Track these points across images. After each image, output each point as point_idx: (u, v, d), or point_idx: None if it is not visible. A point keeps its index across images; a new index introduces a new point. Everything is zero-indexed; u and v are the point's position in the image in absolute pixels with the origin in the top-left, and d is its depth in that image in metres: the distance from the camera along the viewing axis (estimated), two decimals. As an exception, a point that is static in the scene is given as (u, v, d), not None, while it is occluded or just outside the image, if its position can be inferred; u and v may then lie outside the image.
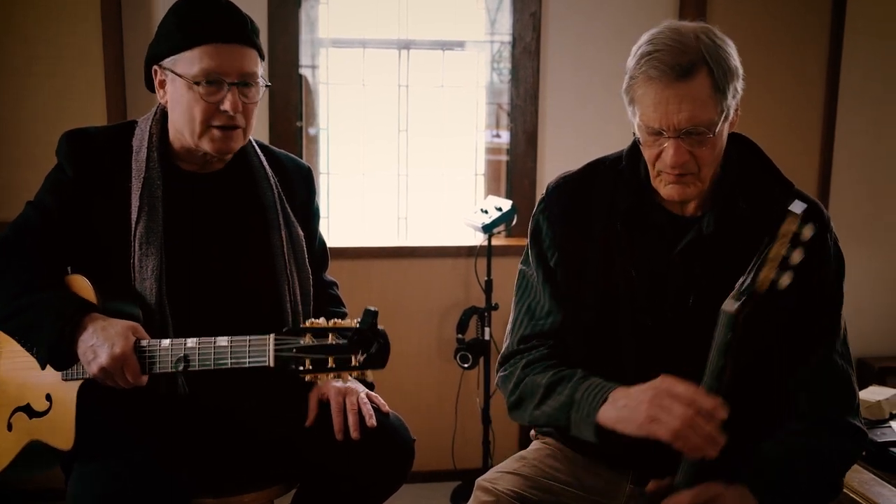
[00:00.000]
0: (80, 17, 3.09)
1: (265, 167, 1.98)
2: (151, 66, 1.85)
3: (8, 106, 3.10)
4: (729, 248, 1.63)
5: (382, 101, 3.54)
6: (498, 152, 3.63)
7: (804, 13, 3.49)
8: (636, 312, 1.66)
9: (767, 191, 1.66)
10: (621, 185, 1.71)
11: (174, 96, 1.81)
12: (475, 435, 3.42)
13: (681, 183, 1.58)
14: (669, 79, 1.50)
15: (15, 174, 3.11)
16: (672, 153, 1.54)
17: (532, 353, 1.76)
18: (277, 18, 3.29)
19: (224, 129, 1.80)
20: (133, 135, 1.88)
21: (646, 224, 1.68)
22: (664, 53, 1.51)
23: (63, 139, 1.85)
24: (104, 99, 3.12)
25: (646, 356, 1.65)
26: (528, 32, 3.44)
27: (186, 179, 1.89)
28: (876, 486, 2.10)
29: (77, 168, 1.82)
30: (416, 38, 3.52)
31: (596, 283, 1.69)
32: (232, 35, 1.78)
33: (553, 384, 1.67)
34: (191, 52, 1.76)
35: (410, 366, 3.44)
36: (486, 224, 3.18)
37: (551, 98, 3.47)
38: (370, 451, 1.81)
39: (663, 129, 1.53)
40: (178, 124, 1.83)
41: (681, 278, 1.65)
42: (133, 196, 1.82)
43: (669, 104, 1.51)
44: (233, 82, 1.78)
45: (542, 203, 1.79)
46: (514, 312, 1.83)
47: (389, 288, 3.43)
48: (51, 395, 1.78)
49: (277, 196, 1.96)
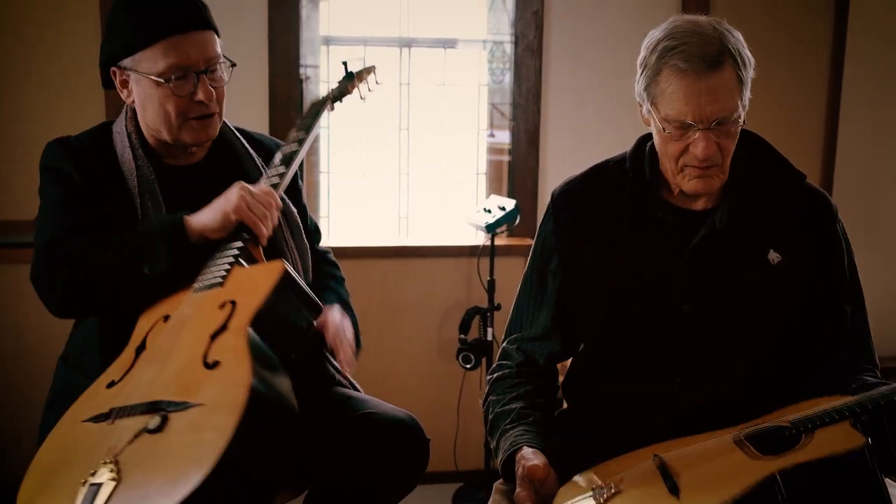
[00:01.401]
0: (80, 18, 3.07)
1: (247, 148, 1.97)
2: (109, 68, 1.80)
3: (6, 106, 3.08)
4: (743, 240, 1.63)
5: (383, 100, 3.51)
6: (500, 152, 3.61)
7: (805, 13, 3.47)
8: (648, 309, 1.63)
9: (779, 184, 1.67)
10: (626, 185, 1.70)
11: (142, 96, 1.78)
12: (477, 436, 3.40)
13: (706, 176, 1.58)
14: (701, 70, 1.50)
15: (13, 175, 3.10)
16: (703, 145, 1.53)
17: (502, 370, 1.79)
18: (278, 17, 3.25)
19: (200, 118, 1.79)
20: (111, 139, 1.85)
21: (653, 222, 1.67)
22: (690, 46, 1.50)
23: (55, 149, 1.81)
24: (103, 99, 3.08)
25: (662, 355, 1.63)
26: (530, 31, 3.41)
27: (175, 172, 1.87)
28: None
29: (85, 176, 1.78)
30: (418, 36, 3.51)
31: (606, 283, 1.67)
32: (189, 23, 1.74)
33: (495, 420, 1.72)
34: (151, 49, 1.72)
35: (412, 366, 3.42)
36: (489, 223, 3.15)
37: (553, 97, 3.45)
38: (385, 452, 1.78)
39: (694, 122, 1.52)
40: (152, 122, 1.80)
41: (692, 273, 1.63)
42: (133, 196, 1.79)
43: (702, 96, 1.50)
44: (200, 71, 1.75)
45: (550, 210, 1.78)
46: (510, 314, 1.84)
47: (391, 288, 3.41)
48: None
49: (262, 171, 1.94)
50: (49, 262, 1.72)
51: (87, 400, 1.58)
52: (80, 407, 1.57)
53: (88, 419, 1.50)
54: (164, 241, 1.67)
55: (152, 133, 1.83)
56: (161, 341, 1.61)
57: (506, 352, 1.81)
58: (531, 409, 1.69)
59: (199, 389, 1.45)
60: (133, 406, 1.46)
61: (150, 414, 1.43)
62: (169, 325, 1.64)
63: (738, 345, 1.60)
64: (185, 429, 1.39)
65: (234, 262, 1.68)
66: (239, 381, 1.42)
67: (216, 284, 1.65)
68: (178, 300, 1.70)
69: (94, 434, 1.47)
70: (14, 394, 3.14)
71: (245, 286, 1.63)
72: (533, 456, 1.55)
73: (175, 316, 1.65)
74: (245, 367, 1.45)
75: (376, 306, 3.34)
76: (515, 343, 1.79)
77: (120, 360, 1.64)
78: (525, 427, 1.64)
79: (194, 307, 1.64)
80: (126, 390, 1.53)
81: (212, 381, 1.46)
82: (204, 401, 1.42)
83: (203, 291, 1.66)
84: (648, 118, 1.62)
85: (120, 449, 1.38)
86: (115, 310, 1.76)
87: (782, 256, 1.62)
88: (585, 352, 1.75)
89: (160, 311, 1.70)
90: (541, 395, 1.75)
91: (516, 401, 1.71)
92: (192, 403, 1.42)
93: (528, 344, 1.77)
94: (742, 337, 1.61)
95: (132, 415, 1.45)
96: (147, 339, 1.64)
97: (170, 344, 1.58)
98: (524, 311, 1.79)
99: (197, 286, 1.68)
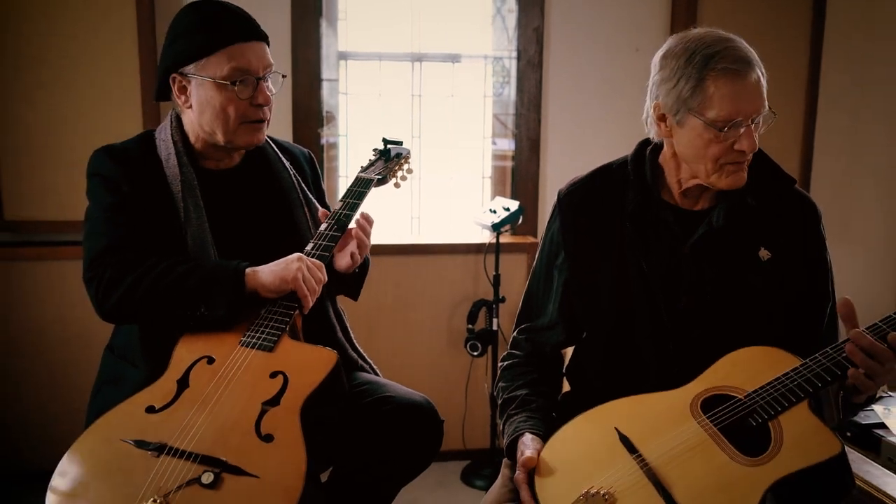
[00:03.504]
0: (117, 36, 3.05)
1: (278, 154, 1.97)
2: (170, 75, 1.79)
3: (48, 116, 3.07)
4: (737, 238, 1.62)
5: (397, 110, 3.50)
6: (504, 158, 3.59)
7: (784, 26, 3.45)
8: (651, 304, 1.63)
9: (771, 186, 1.66)
10: (628, 186, 1.69)
11: (202, 99, 1.77)
12: (483, 418, 3.39)
13: (742, 169, 1.58)
14: (746, 71, 1.51)
15: (58, 179, 3.09)
16: (751, 140, 1.54)
17: (512, 359, 1.79)
18: (300, 34, 3.24)
19: (254, 122, 1.79)
20: (154, 145, 1.84)
21: (654, 221, 1.66)
22: (731, 51, 1.52)
23: (103, 157, 1.80)
24: (140, 108, 3.08)
25: (661, 344, 1.62)
26: (531, 46, 3.40)
27: (214, 176, 1.87)
28: (864, 465, 2.07)
29: (131, 182, 1.77)
30: (427, 51, 3.49)
31: (609, 277, 1.66)
32: (250, 33, 1.76)
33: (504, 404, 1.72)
34: (217, 55, 1.73)
35: (424, 353, 3.41)
36: (494, 223, 3.15)
37: (553, 106, 3.44)
38: (403, 432, 1.79)
39: (741, 119, 1.52)
40: (208, 125, 1.79)
41: (692, 269, 1.62)
42: (176, 200, 1.78)
43: (749, 93, 1.52)
44: (259, 77, 1.76)
45: (556, 209, 1.77)
46: (520, 305, 1.84)
47: (404, 282, 3.40)
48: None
49: (294, 178, 1.95)
50: (102, 272, 1.70)
51: (125, 417, 1.54)
52: (117, 422, 1.53)
53: (130, 441, 1.47)
54: (225, 288, 1.66)
55: (204, 136, 1.82)
56: (206, 386, 1.58)
57: (516, 341, 1.81)
58: (535, 396, 1.70)
59: (254, 460, 1.43)
60: (186, 452, 1.44)
61: (203, 466, 1.41)
62: (214, 369, 1.61)
63: (731, 333, 1.60)
64: (240, 497, 1.38)
65: (284, 329, 1.67)
66: (296, 468, 1.42)
67: (266, 348, 1.63)
68: (220, 343, 1.66)
69: (137, 460, 1.44)
70: (61, 380, 3.14)
71: (298, 365, 1.62)
72: (531, 443, 1.56)
73: (220, 363, 1.62)
74: (301, 454, 1.45)
75: (391, 299, 3.34)
76: (524, 333, 1.79)
77: (160, 387, 1.60)
78: (528, 413, 1.66)
79: (242, 364, 1.61)
80: (172, 427, 1.49)
81: (267, 456, 1.45)
82: (259, 474, 1.41)
83: (252, 349, 1.64)
84: (674, 129, 1.58)
85: (169, 490, 1.37)
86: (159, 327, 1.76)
87: (772, 254, 1.62)
88: (588, 340, 1.74)
89: (201, 347, 1.67)
90: (546, 383, 1.75)
91: (522, 388, 1.72)
92: (247, 472, 1.41)
93: (536, 334, 1.77)
94: (734, 326, 1.60)
95: (184, 459, 1.43)
96: (190, 376, 1.61)
97: (218, 394, 1.56)
98: (533, 302, 1.79)
99: (245, 341, 1.66)
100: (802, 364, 1.47)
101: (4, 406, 3.15)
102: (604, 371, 1.70)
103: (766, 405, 1.43)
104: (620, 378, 1.65)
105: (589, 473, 1.44)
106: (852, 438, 2.17)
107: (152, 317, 1.72)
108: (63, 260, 3.12)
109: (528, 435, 1.59)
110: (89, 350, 2.65)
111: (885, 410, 2.23)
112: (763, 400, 1.44)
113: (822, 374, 1.44)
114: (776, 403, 1.43)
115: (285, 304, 1.70)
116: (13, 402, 3.15)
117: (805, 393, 1.43)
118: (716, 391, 1.52)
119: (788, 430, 1.41)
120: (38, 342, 3.15)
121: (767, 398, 1.44)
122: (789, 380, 1.45)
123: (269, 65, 1.78)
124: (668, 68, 1.56)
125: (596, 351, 1.72)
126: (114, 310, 1.70)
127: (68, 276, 3.12)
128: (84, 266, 1.74)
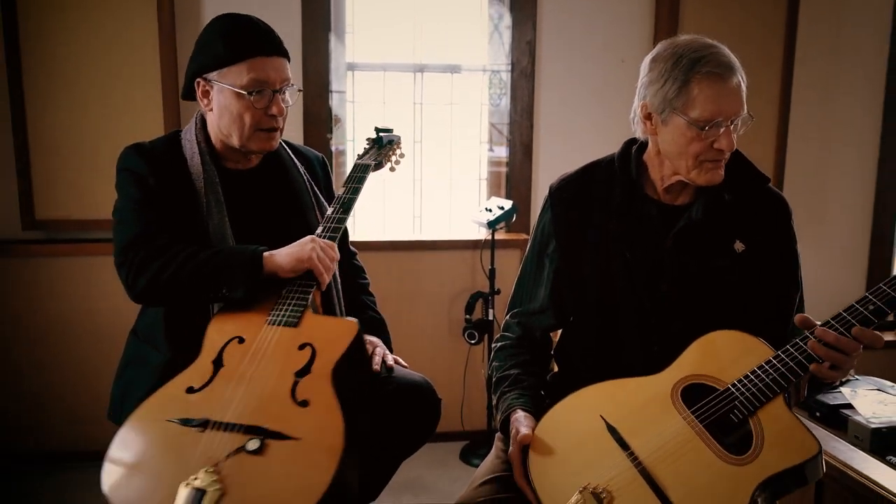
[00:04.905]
0: (140, 45, 3.08)
1: (293, 158, 1.98)
2: (195, 79, 1.81)
3: (75, 122, 3.09)
4: (714, 231, 1.63)
5: (400, 117, 3.52)
6: (499, 164, 3.61)
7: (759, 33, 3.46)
8: (634, 290, 1.64)
9: (746, 183, 1.67)
10: (615, 182, 1.69)
11: (221, 104, 1.79)
12: (481, 401, 3.43)
13: (720, 167, 1.59)
14: (728, 74, 1.53)
15: (80, 180, 3.11)
16: (730, 139, 1.55)
17: (504, 341, 1.79)
18: (310, 46, 3.27)
19: (269, 130, 1.80)
20: (180, 145, 1.85)
21: (638, 215, 1.67)
22: (715, 56, 1.53)
23: (132, 153, 1.81)
24: (161, 114, 3.10)
25: (642, 327, 1.64)
26: (524, 58, 3.42)
27: (234, 176, 1.88)
28: (831, 441, 2.11)
29: (157, 177, 1.79)
30: (429, 62, 3.51)
31: (596, 266, 1.67)
32: (272, 48, 1.77)
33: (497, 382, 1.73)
34: (238, 65, 1.74)
35: (425, 342, 3.42)
36: (490, 221, 3.16)
37: (545, 114, 3.46)
38: (405, 409, 1.80)
39: (722, 119, 1.53)
40: (225, 129, 1.81)
41: (673, 260, 1.63)
42: (199, 195, 1.80)
43: (730, 96, 1.53)
44: (275, 90, 1.77)
45: (547, 202, 1.77)
46: (512, 291, 1.83)
47: (406, 276, 3.42)
48: None
49: (306, 181, 1.96)
50: (133, 258, 1.72)
51: (167, 400, 1.54)
52: (160, 404, 1.54)
53: (175, 420, 1.48)
54: (244, 270, 1.68)
55: (222, 139, 1.83)
56: (240, 363, 1.59)
57: (507, 325, 1.81)
58: (527, 375, 1.70)
59: (294, 424, 1.44)
60: (229, 423, 1.45)
61: (247, 434, 1.42)
62: (245, 348, 1.62)
63: (707, 318, 1.60)
64: (286, 459, 1.39)
65: (305, 305, 1.68)
66: (335, 428, 1.43)
67: (292, 324, 1.65)
68: (249, 324, 1.67)
69: (184, 436, 1.44)
70: (87, 368, 3.17)
71: (323, 335, 1.63)
72: (525, 421, 1.56)
73: (251, 341, 1.63)
74: (337, 414, 1.46)
75: (394, 291, 3.35)
76: (516, 318, 1.79)
77: (197, 367, 1.61)
78: (520, 391, 1.66)
79: (271, 340, 1.63)
80: (213, 404, 1.50)
81: (305, 419, 1.46)
82: (301, 436, 1.42)
83: (278, 327, 1.65)
84: (659, 127, 1.60)
85: (219, 460, 1.38)
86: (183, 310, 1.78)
87: (746, 246, 1.63)
88: (576, 324, 1.74)
89: (231, 328, 1.67)
90: (536, 364, 1.75)
91: (515, 368, 1.72)
92: (289, 436, 1.42)
93: (527, 318, 1.77)
94: (712, 313, 1.61)
95: (228, 431, 1.44)
96: (223, 356, 1.62)
97: (253, 370, 1.57)
98: (524, 289, 1.79)
99: (271, 319, 1.67)
100: (776, 357, 1.46)
101: (35, 392, 3.18)
102: (588, 354, 1.70)
103: (745, 401, 1.43)
104: (604, 361, 1.66)
105: (582, 466, 1.44)
106: (821, 418, 2.19)
107: (178, 298, 1.74)
108: (89, 256, 3.14)
109: (521, 412, 1.60)
110: (113, 340, 2.68)
111: (851, 392, 2.26)
112: (742, 395, 1.43)
113: (794, 368, 1.42)
114: (755, 399, 1.42)
115: (303, 283, 1.72)
116: (43, 389, 3.18)
117: (780, 388, 1.42)
118: (694, 380, 1.51)
119: (768, 427, 1.40)
120: (65, 333, 3.17)
121: (746, 394, 1.43)
122: (765, 374, 1.44)
123: (287, 79, 1.79)
124: (656, 70, 1.58)
125: (581, 336, 1.72)
126: (143, 292, 1.72)
127: (94, 272, 3.15)
128: (115, 253, 1.76)
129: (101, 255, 3.12)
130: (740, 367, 1.47)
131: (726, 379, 1.47)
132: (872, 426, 2.04)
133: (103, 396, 1.90)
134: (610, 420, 1.48)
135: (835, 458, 1.99)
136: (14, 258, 3.11)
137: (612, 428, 1.47)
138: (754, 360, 1.47)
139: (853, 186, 3.73)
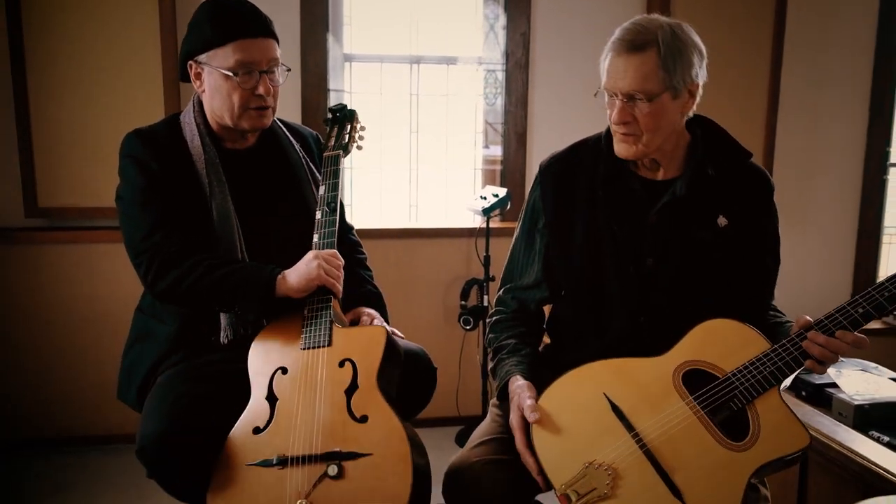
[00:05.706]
0: (142, 33, 3.09)
1: (288, 136, 2.00)
2: (187, 62, 1.83)
3: (77, 112, 3.10)
4: (697, 206, 1.65)
5: (397, 108, 3.54)
6: (493, 162, 3.62)
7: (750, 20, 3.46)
8: (618, 262, 1.66)
9: (728, 161, 1.69)
10: (601, 158, 1.71)
11: (212, 86, 1.81)
12: (476, 386, 3.44)
13: (625, 142, 1.62)
14: (622, 50, 1.56)
15: (85, 166, 3.13)
16: (616, 111, 1.59)
17: (499, 315, 1.82)
18: (309, 38, 3.29)
19: (259, 109, 1.82)
20: (180, 127, 1.87)
21: (624, 189, 1.69)
22: (626, 33, 1.58)
23: (134, 139, 1.83)
24: (162, 99, 3.12)
25: (629, 299, 1.66)
26: (518, 49, 3.44)
27: (233, 155, 1.90)
28: (816, 417, 2.13)
29: (160, 162, 1.81)
30: (425, 54, 3.53)
31: (584, 240, 1.69)
32: (258, 30, 1.79)
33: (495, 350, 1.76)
34: (224, 47, 1.76)
35: (421, 328, 3.43)
36: (485, 208, 3.17)
37: (538, 103, 3.48)
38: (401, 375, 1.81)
39: (614, 92, 1.58)
40: (217, 110, 1.83)
41: (655, 232, 1.65)
42: (201, 176, 1.82)
43: (619, 70, 1.56)
44: (262, 70, 1.79)
45: (537, 179, 1.79)
46: (505, 267, 1.86)
47: (403, 263, 3.43)
48: None
49: (302, 157, 1.99)
50: (149, 263, 1.75)
51: (240, 446, 1.58)
52: (236, 452, 1.57)
53: (255, 463, 1.54)
54: (258, 294, 1.72)
55: (216, 119, 1.86)
56: (293, 394, 1.63)
57: (501, 299, 1.83)
58: (524, 345, 1.73)
59: (362, 442, 1.52)
60: (305, 456, 1.52)
61: (324, 462, 1.49)
62: (292, 378, 1.66)
63: (691, 290, 1.64)
64: (366, 475, 1.46)
65: (331, 321, 1.72)
66: (398, 435, 1.52)
67: (325, 344, 1.69)
68: (285, 352, 1.71)
69: (269, 477, 1.52)
70: (88, 353, 3.19)
71: (357, 348, 1.67)
72: (528, 390, 1.58)
73: (294, 370, 1.67)
74: (395, 422, 1.54)
75: (391, 278, 3.35)
76: (510, 293, 1.81)
77: (254, 410, 1.64)
78: (518, 358, 1.69)
79: (313, 364, 1.67)
80: (282, 440, 1.56)
81: (370, 434, 1.53)
82: (371, 450, 1.49)
83: (313, 350, 1.69)
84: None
85: (308, 492, 1.46)
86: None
87: (728, 220, 1.65)
88: (567, 297, 1.76)
89: (273, 360, 1.70)
90: (531, 335, 1.78)
91: (512, 338, 1.75)
92: (360, 453, 1.49)
93: (521, 292, 1.79)
94: (694, 284, 1.64)
95: (307, 463, 1.50)
96: (273, 389, 1.65)
97: (307, 398, 1.62)
98: (516, 264, 1.81)
99: (304, 344, 1.71)
100: (772, 350, 1.50)
101: (39, 377, 3.20)
102: (577, 326, 1.73)
103: (744, 391, 1.47)
104: (593, 332, 1.69)
105: (588, 443, 1.46)
106: (807, 396, 2.23)
107: (194, 307, 1.80)
108: (92, 244, 3.16)
109: (521, 379, 1.62)
110: (115, 327, 2.70)
111: (836, 372, 2.29)
112: (741, 385, 1.48)
113: (790, 362, 1.48)
114: (753, 390, 1.47)
115: (321, 298, 1.76)
116: (46, 373, 3.20)
117: (776, 381, 1.47)
118: (694, 365, 1.54)
119: (765, 417, 1.45)
120: (68, 318, 3.19)
121: (745, 384, 1.48)
122: (763, 366, 1.48)
123: (273, 59, 1.80)
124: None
125: (571, 308, 1.75)
126: (160, 295, 1.77)
127: (97, 259, 3.17)
128: (129, 254, 1.80)
129: (103, 243, 3.14)
130: (740, 356, 1.51)
131: (726, 367, 1.51)
132: (856, 403, 2.07)
133: (105, 382, 1.93)
134: (613, 398, 1.51)
135: (819, 432, 2.02)
136: (17, 245, 3.13)
137: (615, 406, 1.50)
138: (753, 351, 1.51)
139: (840, 178, 3.75)
